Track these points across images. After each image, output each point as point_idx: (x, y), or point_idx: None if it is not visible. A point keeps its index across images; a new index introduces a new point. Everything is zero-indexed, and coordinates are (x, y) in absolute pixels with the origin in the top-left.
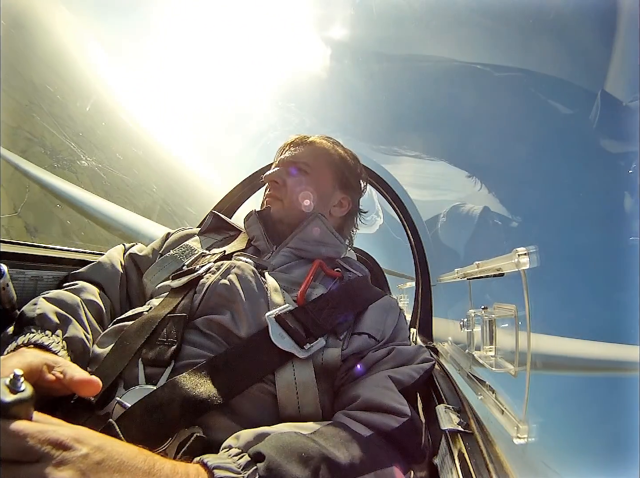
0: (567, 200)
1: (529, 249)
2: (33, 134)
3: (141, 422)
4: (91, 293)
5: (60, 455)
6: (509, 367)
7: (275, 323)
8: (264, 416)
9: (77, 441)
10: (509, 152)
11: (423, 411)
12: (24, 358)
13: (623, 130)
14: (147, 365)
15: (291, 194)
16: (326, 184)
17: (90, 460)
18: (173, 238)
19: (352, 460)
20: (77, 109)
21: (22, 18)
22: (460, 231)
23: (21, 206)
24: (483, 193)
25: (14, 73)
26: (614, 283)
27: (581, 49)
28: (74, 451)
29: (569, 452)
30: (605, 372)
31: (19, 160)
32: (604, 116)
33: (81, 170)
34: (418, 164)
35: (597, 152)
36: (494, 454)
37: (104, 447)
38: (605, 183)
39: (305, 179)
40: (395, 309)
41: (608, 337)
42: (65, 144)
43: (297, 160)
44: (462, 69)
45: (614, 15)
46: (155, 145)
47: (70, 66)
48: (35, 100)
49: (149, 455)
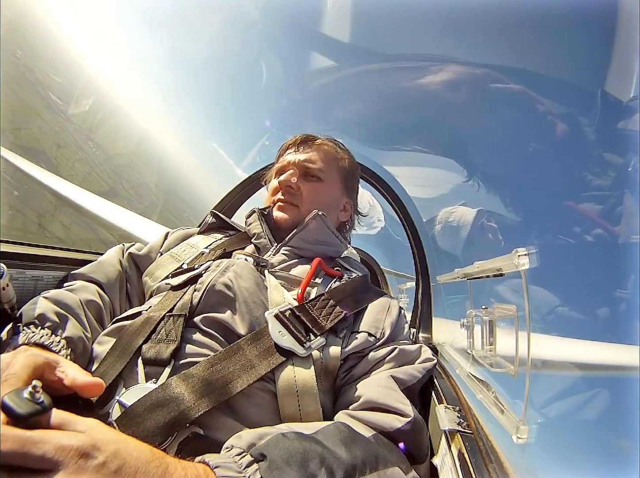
0: (567, 199)
1: (529, 249)
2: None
3: (141, 421)
4: (91, 293)
5: (76, 463)
6: (509, 367)
7: (275, 320)
8: (264, 414)
9: (94, 448)
10: (509, 151)
11: (423, 411)
12: (25, 356)
13: (623, 130)
14: (147, 364)
15: (307, 202)
16: (337, 191)
17: (107, 469)
18: (173, 237)
19: (354, 460)
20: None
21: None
22: (460, 231)
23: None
24: (483, 192)
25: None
26: (614, 283)
27: (581, 49)
28: (91, 459)
29: (569, 452)
30: (605, 372)
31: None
32: (603, 115)
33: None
34: (418, 164)
35: (597, 152)
36: (494, 454)
37: (120, 453)
38: (605, 182)
39: (319, 186)
40: (395, 308)
41: (608, 337)
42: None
43: (311, 166)
44: (461, 68)
45: (614, 15)
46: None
47: (71, 66)
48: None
49: (161, 457)
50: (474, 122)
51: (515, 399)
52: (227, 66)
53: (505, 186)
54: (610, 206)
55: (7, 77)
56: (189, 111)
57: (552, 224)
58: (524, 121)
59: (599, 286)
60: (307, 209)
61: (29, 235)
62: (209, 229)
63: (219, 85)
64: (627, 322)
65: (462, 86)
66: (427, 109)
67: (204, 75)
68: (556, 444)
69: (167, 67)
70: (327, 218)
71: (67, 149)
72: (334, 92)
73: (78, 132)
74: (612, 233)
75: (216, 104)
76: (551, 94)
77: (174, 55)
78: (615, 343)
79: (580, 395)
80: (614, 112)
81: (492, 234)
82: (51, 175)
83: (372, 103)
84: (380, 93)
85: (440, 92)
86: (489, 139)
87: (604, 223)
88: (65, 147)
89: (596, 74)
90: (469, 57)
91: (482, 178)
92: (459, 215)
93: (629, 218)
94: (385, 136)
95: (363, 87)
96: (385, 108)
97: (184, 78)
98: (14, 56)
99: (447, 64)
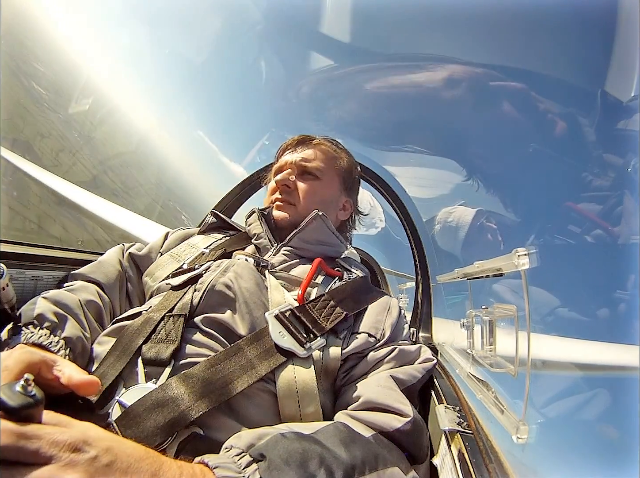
0: (567, 200)
1: (529, 249)
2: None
3: (141, 421)
4: (90, 293)
5: (68, 457)
6: (509, 367)
7: (276, 321)
8: (264, 415)
9: (86, 443)
10: (509, 151)
11: (423, 411)
12: (20, 353)
13: (623, 130)
14: (147, 364)
15: (304, 200)
16: (335, 190)
17: (99, 462)
18: (173, 238)
19: (354, 460)
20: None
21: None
22: (460, 231)
23: None
24: (483, 192)
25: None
26: (614, 283)
27: (581, 49)
28: (83, 453)
29: (569, 452)
30: (605, 372)
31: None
32: (603, 116)
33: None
34: (418, 164)
35: (597, 152)
36: (494, 454)
37: (112, 449)
38: (605, 182)
39: (317, 184)
40: (395, 308)
41: (608, 337)
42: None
43: (308, 164)
44: (461, 68)
45: (614, 16)
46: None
47: (70, 66)
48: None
49: (156, 456)
50: (474, 122)
51: (515, 399)
52: (227, 66)
53: (505, 186)
54: (610, 206)
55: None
56: (189, 110)
57: (552, 224)
58: (523, 121)
59: (599, 287)
60: (304, 208)
61: (29, 235)
62: (209, 229)
63: (219, 85)
64: (627, 322)
65: (462, 86)
66: (427, 109)
67: (203, 75)
68: (556, 444)
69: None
70: (327, 218)
71: (51, 139)
72: (334, 92)
73: (61, 121)
74: (611, 234)
75: (216, 104)
76: (551, 94)
77: (173, 55)
78: (615, 343)
79: (580, 395)
80: (614, 113)
81: (492, 234)
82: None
83: (373, 103)
84: (381, 93)
85: (441, 93)
86: (489, 139)
87: (603, 224)
88: (49, 138)
89: (596, 74)
90: (469, 57)
91: (482, 178)
92: (458, 215)
93: (628, 218)
94: (386, 136)
95: (363, 87)
96: (386, 108)
97: (184, 78)
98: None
99: (447, 64)
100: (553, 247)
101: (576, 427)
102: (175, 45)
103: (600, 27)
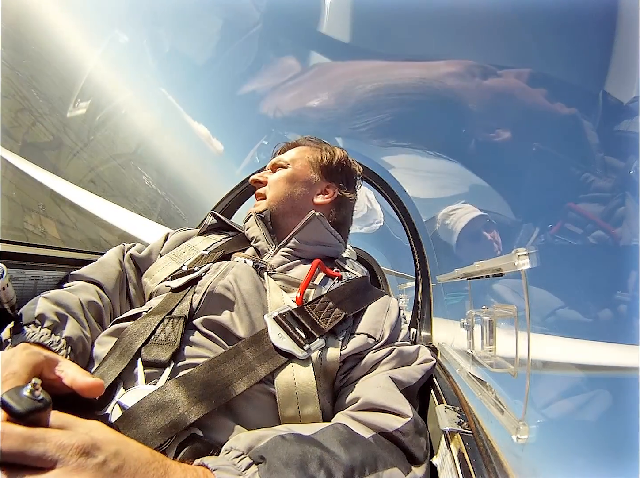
0: (567, 200)
1: (529, 249)
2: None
3: (140, 423)
4: (91, 293)
5: (76, 461)
6: (509, 367)
7: (275, 323)
8: (264, 416)
9: (94, 447)
10: (509, 152)
11: (423, 411)
12: (25, 354)
13: (624, 132)
14: (146, 366)
15: (271, 188)
16: (305, 172)
17: (107, 468)
18: (173, 239)
19: (354, 461)
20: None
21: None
22: (460, 231)
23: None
24: (483, 192)
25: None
26: (614, 283)
27: (581, 49)
28: (91, 458)
29: (569, 452)
30: (605, 372)
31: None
32: (604, 117)
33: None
34: (418, 164)
35: (598, 154)
36: (494, 454)
37: (120, 453)
38: (606, 184)
39: (284, 171)
40: (395, 308)
41: (608, 337)
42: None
43: (278, 160)
44: (461, 69)
45: (614, 16)
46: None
47: (70, 66)
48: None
49: (161, 460)
50: (474, 123)
51: (515, 399)
52: (227, 66)
53: (505, 186)
54: (611, 208)
55: None
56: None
57: (552, 225)
58: (524, 121)
59: (599, 287)
60: (272, 196)
61: (29, 235)
62: (208, 230)
63: (219, 85)
64: (627, 323)
65: (462, 87)
66: (427, 110)
67: (203, 75)
68: (556, 444)
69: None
70: (324, 218)
71: (10, 99)
72: (335, 92)
73: (22, 81)
74: (612, 235)
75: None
76: (551, 95)
77: (173, 55)
78: (615, 344)
79: (580, 395)
80: (615, 114)
81: (492, 234)
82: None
83: (373, 103)
84: (381, 93)
85: (440, 93)
86: (489, 139)
87: (604, 225)
88: (8, 98)
89: (597, 75)
90: (469, 58)
91: (482, 178)
92: (459, 215)
93: (629, 220)
94: (386, 135)
95: (363, 86)
96: (386, 108)
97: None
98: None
99: (447, 65)
100: (554, 248)
101: (576, 427)
102: (175, 45)
103: (601, 27)
